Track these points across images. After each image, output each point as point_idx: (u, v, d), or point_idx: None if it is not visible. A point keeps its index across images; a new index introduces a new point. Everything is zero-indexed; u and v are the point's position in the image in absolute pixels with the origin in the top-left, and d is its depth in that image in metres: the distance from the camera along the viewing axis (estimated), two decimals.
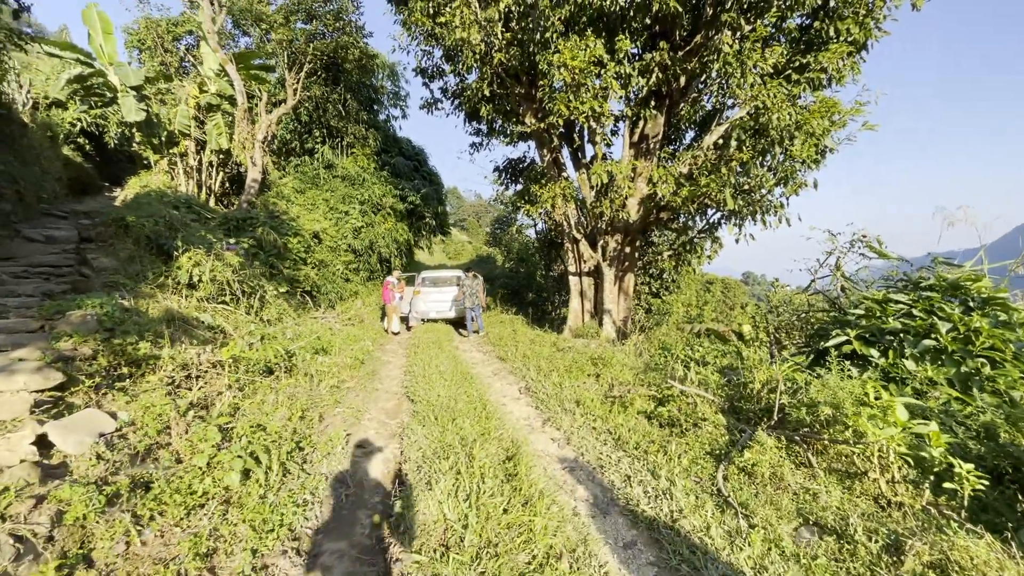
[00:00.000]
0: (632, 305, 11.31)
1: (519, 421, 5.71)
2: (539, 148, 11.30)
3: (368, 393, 7.14)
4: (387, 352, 10.79)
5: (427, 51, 11.97)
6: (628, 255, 11.17)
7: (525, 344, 9.90)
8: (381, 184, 17.67)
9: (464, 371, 8.05)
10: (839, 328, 5.42)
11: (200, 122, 15.81)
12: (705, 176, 8.12)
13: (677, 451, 4.17)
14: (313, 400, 6.04)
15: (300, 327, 9.55)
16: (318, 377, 6.86)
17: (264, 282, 8.51)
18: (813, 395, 4.03)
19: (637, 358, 8.52)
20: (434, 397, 6.27)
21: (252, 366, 5.61)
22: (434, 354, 9.51)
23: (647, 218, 10.27)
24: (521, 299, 20.47)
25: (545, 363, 8.11)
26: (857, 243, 6.51)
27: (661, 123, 10.25)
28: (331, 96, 17.60)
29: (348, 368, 7.85)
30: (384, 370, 8.86)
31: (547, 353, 8.85)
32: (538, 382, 7.18)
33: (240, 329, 7.00)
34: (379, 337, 12.55)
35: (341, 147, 18.94)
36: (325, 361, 7.10)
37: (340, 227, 16.15)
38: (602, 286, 10.88)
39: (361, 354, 8.73)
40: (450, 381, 7.27)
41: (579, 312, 11.56)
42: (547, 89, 8.62)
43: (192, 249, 6.96)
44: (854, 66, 9.15)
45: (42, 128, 11.95)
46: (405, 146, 21.34)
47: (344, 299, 15.72)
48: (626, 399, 5.53)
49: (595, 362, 7.46)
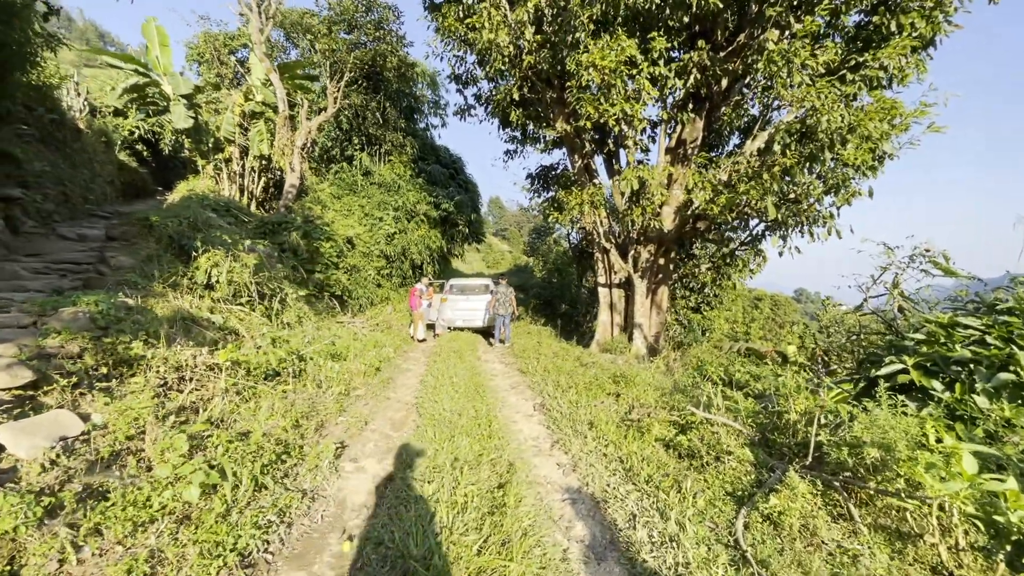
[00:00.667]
0: (665, 320, 10.67)
1: (526, 441, 5.30)
2: (570, 154, 10.92)
3: (378, 402, 6.92)
4: (409, 359, 10.62)
5: (460, 56, 11.88)
6: (662, 267, 10.56)
7: (548, 357, 9.47)
8: (416, 191, 17.75)
9: (480, 383, 7.71)
10: (894, 354, 4.72)
11: (244, 129, 16.40)
12: (745, 183, 7.49)
13: (693, 488, 3.65)
14: (315, 407, 5.86)
15: (321, 331, 9.53)
16: (328, 383, 6.71)
17: (286, 285, 8.52)
18: (858, 433, 3.43)
19: (666, 377, 7.93)
20: (440, 411, 5.96)
21: (254, 369, 5.49)
22: (453, 364, 9.24)
23: (682, 228, 9.67)
24: (554, 310, 20.00)
25: (565, 379, 7.66)
26: (918, 258, 5.74)
27: (700, 128, 9.65)
28: (370, 104, 17.89)
29: (361, 375, 7.68)
30: (401, 378, 8.66)
31: (569, 368, 8.39)
32: (554, 399, 6.74)
33: (253, 331, 6.96)
34: (404, 344, 12.43)
35: (379, 154, 19.21)
36: (335, 368, 6.93)
37: (374, 233, 16.29)
38: (633, 299, 10.32)
39: (378, 361, 8.57)
40: (462, 394, 6.95)
41: (608, 326, 11.02)
42: (575, 91, 8.25)
43: (212, 250, 7.00)
44: (919, 64, 8.29)
45: (97, 134, 12.67)
46: (442, 154, 21.45)
47: (375, 304, 15.80)
48: (644, 424, 5.02)
49: (617, 380, 6.95)
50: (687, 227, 9.67)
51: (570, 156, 10.99)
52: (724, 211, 7.83)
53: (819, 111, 6.95)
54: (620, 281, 10.91)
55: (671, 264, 10.64)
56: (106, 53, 14.03)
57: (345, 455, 4.81)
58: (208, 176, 17.05)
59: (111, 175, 12.91)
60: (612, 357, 9.34)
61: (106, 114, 15.97)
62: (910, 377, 4.35)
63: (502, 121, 12.27)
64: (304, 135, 16.35)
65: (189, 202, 13.15)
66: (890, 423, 3.43)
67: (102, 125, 13.93)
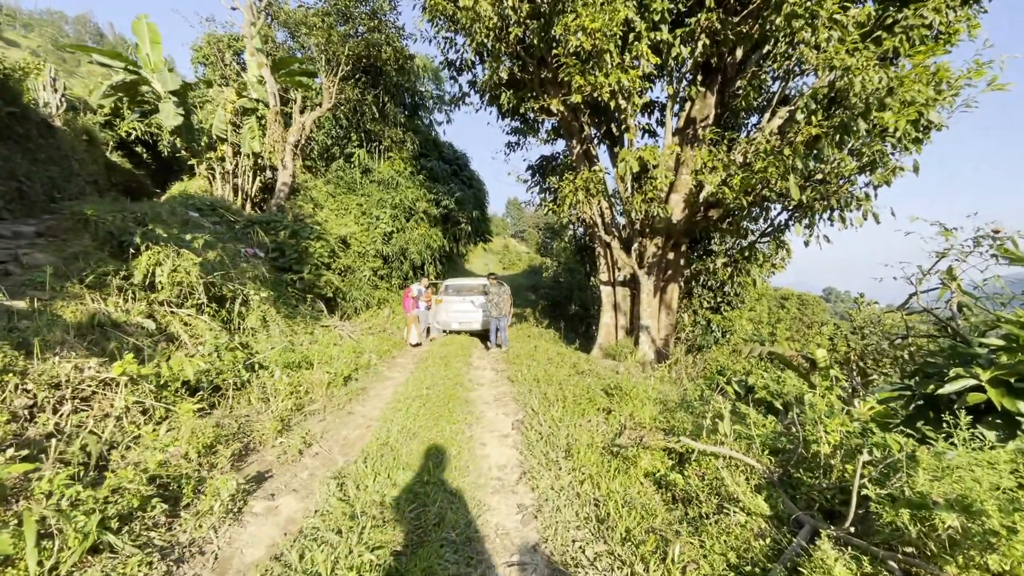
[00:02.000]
0: (676, 321, 9.56)
1: (490, 471, 4.33)
2: (567, 139, 9.93)
3: (337, 418, 6.05)
4: (395, 366, 9.76)
5: (449, 39, 11.00)
6: (671, 262, 9.47)
7: (542, 364, 8.48)
8: (415, 188, 16.96)
9: (457, 395, 6.78)
10: (961, 364, 3.61)
11: (237, 127, 15.86)
12: (762, 159, 6.38)
13: (684, 558, 2.64)
14: (248, 428, 5.01)
15: (297, 335, 8.74)
16: (278, 397, 5.86)
17: (250, 286, 7.75)
18: (922, 485, 2.37)
19: (672, 387, 6.86)
20: (396, 432, 5.04)
21: (171, 383, 4.66)
22: (437, 371, 8.34)
23: (693, 218, 8.57)
24: (562, 311, 18.97)
25: (554, 390, 6.66)
26: (985, 242, 4.57)
27: (711, 104, 8.55)
28: (367, 98, 17.19)
29: (324, 386, 6.82)
30: (378, 388, 7.79)
31: (562, 376, 7.38)
32: (536, 415, 5.75)
33: (201, 338, 6.17)
34: (395, 348, 11.59)
35: (378, 151, 18.51)
36: (287, 379, 6.09)
37: (370, 232, 15.54)
38: (639, 298, 9.25)
39: (349, 369, 7.70)
40: (433, 408, 6.03)
41: (612, 328, 9.96)
42: (563, 59, 7.25)
43: (156, 247, 6.26)
44: (969, 19, 7.06)
45: (78, 132, 12.21)
46: (445, 150, 20.67)
47: (371, 307, 15.04)
48: (632, 453, 3.99)
49: (611, 392, 5.92)
50: (698, 216, 8.57)
51: (568, 141, 9.99)
52: (739, 195, 6.73)
53: (851, 71, 5.81)
54: (625, 279, 9.85)
55: (681, 259, 9.53)
56: (93, 50, 13.62)
57: (262, 490, 3.93)
58: (202, 176, 16.61)
59: (95, 175, 12.44)
60: (614, 364, 8.30)
61: (99, 114, 15.63)
62: (985, 397, 3.24)
63: (492, 103, 11.34)
64: (297, 131, 15.74)
65: (171, 202, 12.62)
66: (972, 467, 2.37)
67: (86, 123, 13.51)
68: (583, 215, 9.31)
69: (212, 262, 7.64)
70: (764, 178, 6.32)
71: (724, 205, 7.69)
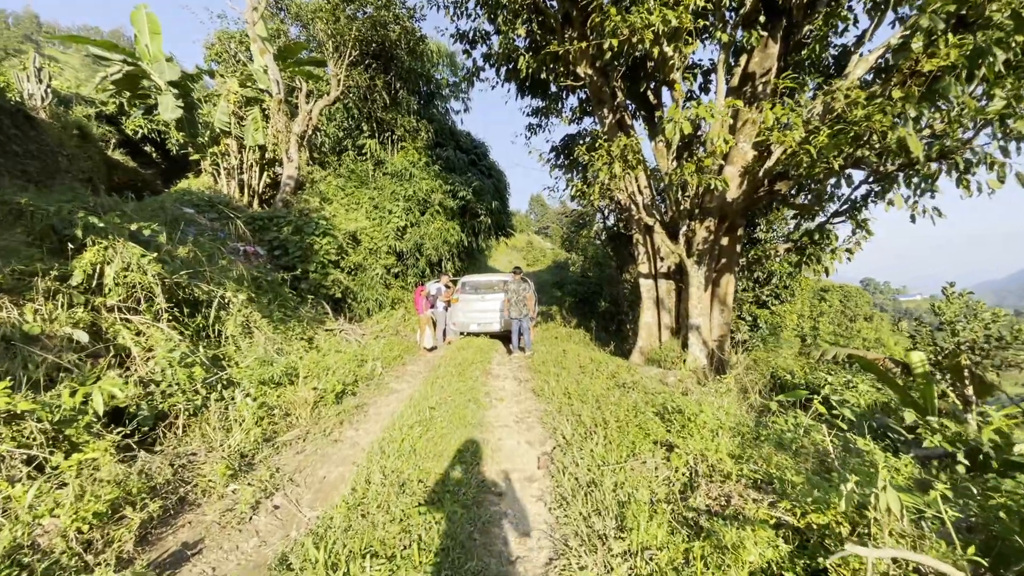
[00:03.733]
0: (732, 319, 8.04)
1: (507, 549, 3.00)
2: (597, 108, 8.49)
3: (320, 448, 4.83)
4: (404, 376, 8.55)
5: (459, 3, 9.71)
6: (725, 248, 7.95)
7: (573, 373, 7.10)
8: (430, 179, 15.74)
9: (471, 418, 5.47)
10: None
11: (240, 119, 14.94)
12: (861, 107, 4.84)
13: None
14: (192, 472, 3.81)
15: (291, 343, 7.61)
16: (245, 426, 4.67)
17: (229, 286, 6.63)
18: None
19: (741, 406, 5.42)
20: (378, 482, 3.76)
21: (81, 417, 3.49)
22: (450, 383, 7.06)
23: (753, 193, 7.05)
24: (591, 309, 17.50)
25: (591, 410, 5.28)
26: None
27: (774, 54, 7.00)
28: (377, 84, 16.05)
29: (309, 405, 5.62)
30: (378, 404, 6.56)
31: (599, 390, 5.99)
32: (571, 447, 4.39)
33: (156, 351, 5.03)
34: (407, 354, 10.40)
35: (391, 141, 17.37)
36: (248, 402, 4.89)
37: (382, 227, 14.40)
38: (687, 293, 7.77)
39: (342, 384, 6.48)
40: (438, 436, 4.74)
41: (654, 328, 8.49)
42: (599, 5, 5.84)
43: (103, 241, 5.17)
44: None
45: (68, 126, 11.42)
46: (463, 139, 19.40)
47: (383, 308, 13.92)
48: (718, 527, 2.59)
49: (666, 416, 4.51)
50: (761, 191, 7.04)
51: (597, 111, 8.55)
52: (828, 156, 5.19)
53: None
54: (669, 270, 8.37)
55: (737, 244, 8.00)
56: (87, 41, 12.87)
57: None
58: (207, 173, 15.78)
59: (88, 172, 11.66)
60: (660, 372, 6.86)
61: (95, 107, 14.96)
62: None
63: (512, 77, 10.00)
64: (303, 122, 14.72)
65: (165, 198, 11.73)
66: None
67: (78, 118, 12.77)
68: (618, 195, 7.86)
69: (184, 259, 6.54)
70: (865, 130, 4.79)
71: (798, 174, 6.15)
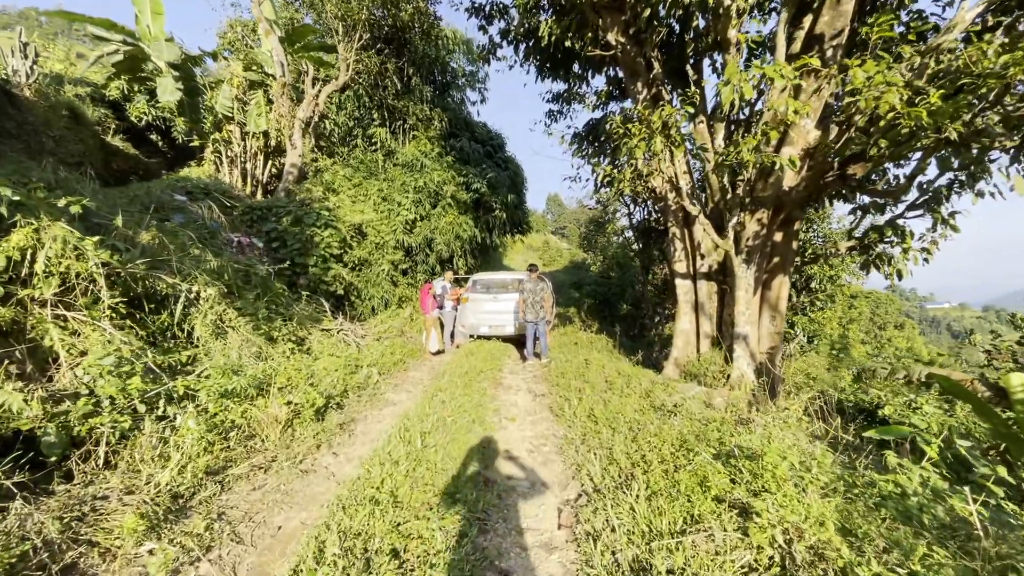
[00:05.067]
0: (784, 329, 6.87)
1: None
2: (630, 81, 7.38)
3: (284, 483, 3.84)
4: (404, 384, 7.57)
5: None
6: (779, 245, 6.79)
7: (599, 388, 6.01)
8: (442, 170, 14.75)
9: (474, 446, 4.43)
10: None
11: (244, 104, 14.15)
12: (990, 58, 3.66)
13: None
14: (93, 523, 2.84)
15: (274, 346, 6.66)
16: (186, 454, 3.69)
17: (198, 279, 5.71)
18: None
19: (808, 441, 4.29)
20: (333, 552, 2.74)
21: None
22: (454, 396, 6.04)
23: (820, 177, 5.87)
24: (612, 312, 16.35)
25: (625, 441, 4.20)
26: None
27: (848, 12, 5.81)
28: (388, 70, 15.12)
29: (279, 424, 4.64)
30: (369, 421, 5.58)
31: (632, 413, 4.90)
32: (602, 499, 3.32)
33: (92, 355, 4.10)
34: (411, 358, 9.44)
35: (402, 130, 16.44)
36: (191, 425, 3.92)
37: (390, 219, 13.46)
38: (732, 296, 6.63)
39: (321, 398, 5.49)
40: (430, 474, 3.71)
41: (692, 336, 7.34)
42: None
43: (33, 222, 4.27)
44: None
45: (56, 106, 10.70)
46: (478, 130, 18.38)
47: (390, 306, 12.99)
48: None
49: (725, 456, 3.39)
50: (828, 176, 5.86)
51: (630, 85, 7.43)
52: (938, 122, 4.01)
53: None
54: (711, 269, 7.22)
55: (793, 241, 6.82)
56: (83, 18, 12.18)
57: None
58: (208, 161, 15.05)
59: (79, 156, 10.92)
60: (703, 392, 5.72)
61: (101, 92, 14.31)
62: None
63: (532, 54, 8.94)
64: (310, 106, 13.86)
65: (155, 185, 10.95)
66: None
67: (69, 98, 12.08)
68: (652, 181, 6.73)
69: (147, 246, 5.63)
70: (996, 87, 3.63)
71: (883, 153, 4.98)
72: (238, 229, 10.80)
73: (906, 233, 6.75)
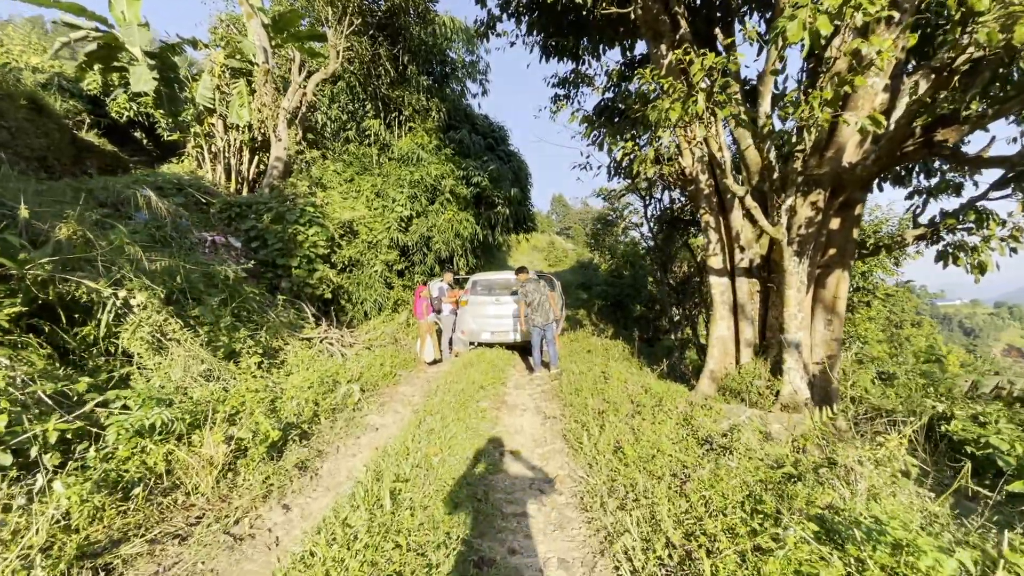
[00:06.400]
0: (841, 335, 5.71)
1: None
2: (652, 44, 6.27)
3: (204, 557, 2.77)
4: (391, 403, 6.51)
5: None
6: (836, 234, 5.66)
7: (624, 411, 4.89)
8: (440, 163, 13.69)
9: (464, 498, 3.34)
10: None
11: (226, 95, 13.15)
12: None
13: None
14: None
15: (211, 365, 5.58)
16: (43, 532, 2.63)
17: (136, 284, 4.67)
18: None
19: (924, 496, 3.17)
20: None
21: None
22: (447, 425, 4.94)
23: (899, 147, 4.74)
24: (624, 313, 15.20)
25: (669, 497, 3.10)
26: None
27: None
28: (381, 55, 14.06)
29: (213, 471, 3.57)
30: (337, 458, 4.51)
31: (670, 448, 3.79)
32: None
33: None
34: (404, 368, 8.40)
35: (397, 122, 15.40)
36: (59, 488, 2.85)
37: (383, 216, 12.42)
38: (781, 296, 5.51)
39: (275, 431, 4.41)
40: (397, 558, 2.62)
41: (730, 344, 6.20)
42: None
43: None
44: None
45: (14, 95, 9.74)
46: (479, 121, 17.33)
47: (383, 310, 11.94)
48: None
49: (835, 539, 2.29)
50: (908, 145, 4.73)
51: (653, 49, 6.33)
52: None
53: None
54: (752, 264, 6.09)
55: (854, 229, 5.67)
56: (50, 3, 11.22)
57: None
58: (190, 156, 14.08)
59: (41, 149, 9.97)
60: (753, 414, 4.59)
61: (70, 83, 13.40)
62: None
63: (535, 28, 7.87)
64: (296, 96, 12.85)
65: (118, 179, 9.95)
66: None
67: (31, 88, 11.13)
68: (682, 160, 5.60)
69: (65, 242, 4.59)
70: None
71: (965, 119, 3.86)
72: (215, 228, 9.81)
73: (990, 217, 5.59)
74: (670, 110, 4.25)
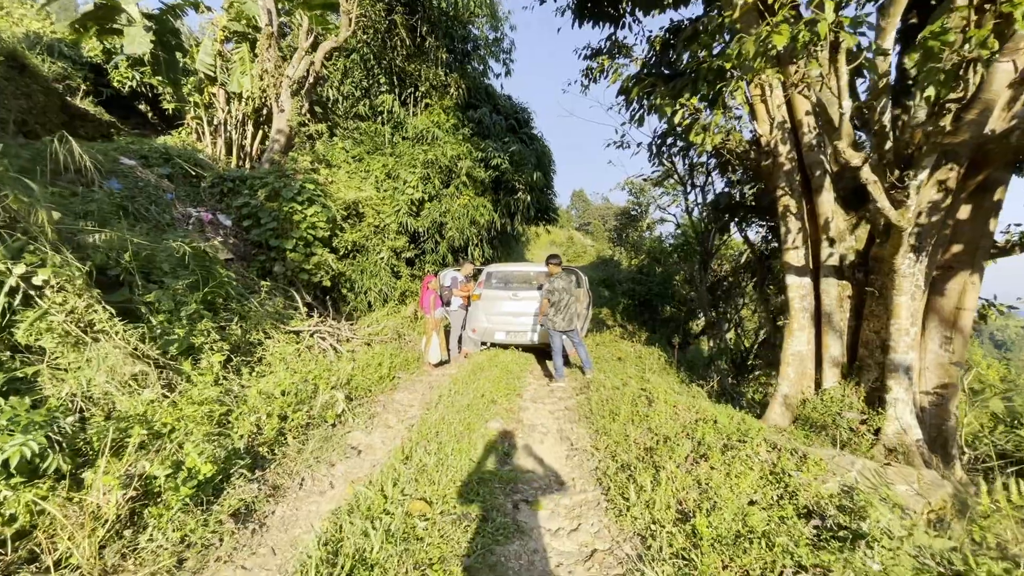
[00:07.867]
0: (964, 358, 4.38)
1: None
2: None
3: None
4: (385, 413, 5.39)
5: None
6: (964, 225, 4.31)
7: (681, 451, 3.67)
8: (457, 143, 12.50)
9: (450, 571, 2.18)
10: None
11: (228, 62, 12.15)
12: None
13: None
14: None
15: (146, 368, 4.52)
16: None
17: (59, 263, 3.62)
18: None
19: None
20: None
21: None
22: (445, 457, 3.77)
23: None
24: (654, 315, 13.86)
25: None
26: None
27: None
28: (397, 22, 12.87)
29: (105, 529, 2.47)
30: (295, 500, 3.37)
31: (759, 521, 2.59)
32: None
33: None
34: (406, 370, 7.31)
35: (413, 99, 14.23)
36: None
37: (393, 198, 11.31)
38: (887, 303, 4.21)
39: (212, 464, 3.29)
40: None
41: (808, 362, 4.89)
42: None
43: None
44: None
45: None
46: (502, 102, 16.08)
47: (389, 301, 10.86)
48: None
49: None
50: None
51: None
52: None
53: None
54: (843, 262, 4.77)
55: (989, 217, 4.32)
56: None
57: None
58: (188, 128, 13.15)
59: (22, 111, 9.09)
60: (867, 467, 3.31)
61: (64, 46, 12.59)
62: None
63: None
64: (302, 64, 11.77)
65: (97, 146, 9.00)
66: None
67: (11, 45, 10.24)
68: (758, 125, 4.33)
69: None
70: None
71: None
72: (205, 203, 8.82)
73: None
74: (771, 37, 2.98)
